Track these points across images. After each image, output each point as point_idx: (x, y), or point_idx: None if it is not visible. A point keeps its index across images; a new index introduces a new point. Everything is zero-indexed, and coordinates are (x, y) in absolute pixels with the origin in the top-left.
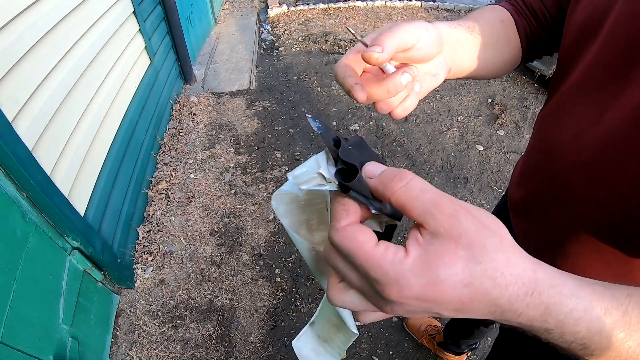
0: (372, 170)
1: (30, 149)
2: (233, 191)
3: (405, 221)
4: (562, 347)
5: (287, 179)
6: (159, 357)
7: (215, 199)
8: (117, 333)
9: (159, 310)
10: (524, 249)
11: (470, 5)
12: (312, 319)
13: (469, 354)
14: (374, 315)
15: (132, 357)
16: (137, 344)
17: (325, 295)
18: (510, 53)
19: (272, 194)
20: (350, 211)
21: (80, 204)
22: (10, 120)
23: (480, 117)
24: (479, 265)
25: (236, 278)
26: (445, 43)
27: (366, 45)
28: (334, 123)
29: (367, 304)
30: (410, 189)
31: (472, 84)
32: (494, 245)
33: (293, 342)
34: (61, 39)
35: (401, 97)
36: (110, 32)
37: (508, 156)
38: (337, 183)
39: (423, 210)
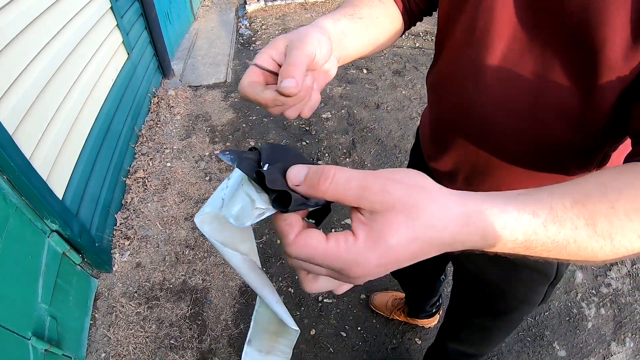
0: (295, 176)
1: (10, 134)
2: (207, 178)
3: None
4: (509, 254)
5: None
6: (135, 336)
7: (190, 185)
8: (96, 315)
9: (136, 292)
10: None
11: None
12: (247, 338)
13: (440, 312)
14: (347, 286)
15: (110, 337)
16: (114, 325)
17: (255, 311)
18: (392, 26)
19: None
20: (293, 223)
21: (58, 187)
22: None
23: None
24: (418, 220)
25: (209, 259)
26: (333, 41)
27: (270, 72)
28: None
29: (338, 282)
30: (336, 184)
31: None
32: (424, 199)
33: None
34: (39, 34)
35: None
36: (88, 27)
37: None
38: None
39: (355, 197)
